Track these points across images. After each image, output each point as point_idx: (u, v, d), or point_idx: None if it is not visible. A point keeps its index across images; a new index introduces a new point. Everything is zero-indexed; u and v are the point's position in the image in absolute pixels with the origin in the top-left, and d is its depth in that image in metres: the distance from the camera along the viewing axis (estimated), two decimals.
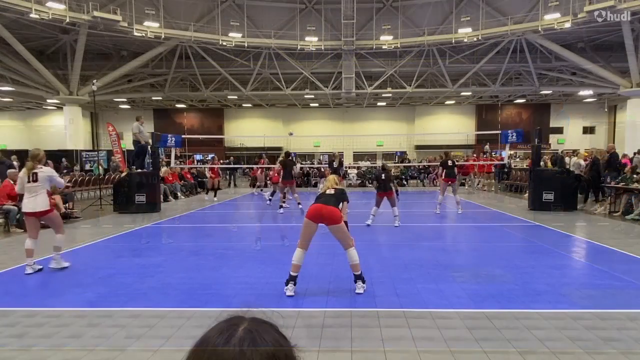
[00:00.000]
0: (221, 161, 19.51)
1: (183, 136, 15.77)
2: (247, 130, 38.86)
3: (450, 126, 38.23)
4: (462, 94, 33.19)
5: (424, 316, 4.22)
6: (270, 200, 13.73)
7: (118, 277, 5.78)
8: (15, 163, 18.79)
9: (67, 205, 11.58)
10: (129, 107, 37.59)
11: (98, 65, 29.13)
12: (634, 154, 19.10)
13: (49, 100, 30.01)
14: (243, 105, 38.27)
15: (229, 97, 33.60)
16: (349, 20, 26.15)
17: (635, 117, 25.29)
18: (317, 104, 38.25)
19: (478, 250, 7.48)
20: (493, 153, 23.53)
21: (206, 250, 7.44)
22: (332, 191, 5.29)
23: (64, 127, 28.82)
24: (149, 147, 13.88)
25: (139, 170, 13.36)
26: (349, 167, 24.58)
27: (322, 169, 19.62)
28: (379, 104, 38.07)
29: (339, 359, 3.39)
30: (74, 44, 25.43)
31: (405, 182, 23.39)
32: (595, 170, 12.87)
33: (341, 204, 5.20)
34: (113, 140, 25.45)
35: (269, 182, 18.02)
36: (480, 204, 14.34)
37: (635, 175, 11.49)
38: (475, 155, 29.19)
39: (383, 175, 9.81)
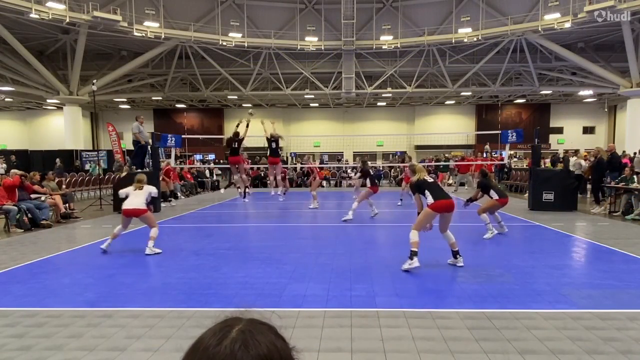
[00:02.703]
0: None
1: (183, 136, 15.76)
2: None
3: (450, 126, 38.22)
4: (462, 94, 33.18)
5: (424, 316, 4.22)
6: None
7: (118, 277, 5.78)
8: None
9: (67, 205, 11.58)
10: (129, 107, 37.59)
11: (98, 65, 29.14)
12: (634, 153, 19.10)
13: (49, 100, 30.00)
14: (243, 105, 38.26)
15: (229, 97, 33.61)
16: (349, 20, 26.15)
17: (635, 117, 25.30)
18: (317, 104, 38.24)
19: (478, 250, 7.48)
20: (493, 153, 23.55)
21: (206, 250, 7.44)
22: (432, 179, 6.26)
23: (63, 127, 28.82)
24: (148, 146, 13.88)
25: (139, 171, 13.36)
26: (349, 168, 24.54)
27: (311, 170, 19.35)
28: (379, 104, 38.07)
29: (339, 359, 3.39)
30: (74, 44, 25.42)
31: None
32: (599, 171, 12.82)
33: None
34: (113, 140, 25.46)
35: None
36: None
37: (635, 176, 11.49)
38: (470, 154, 29.11)
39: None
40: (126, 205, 7.41)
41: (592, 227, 9.74)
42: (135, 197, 7.41)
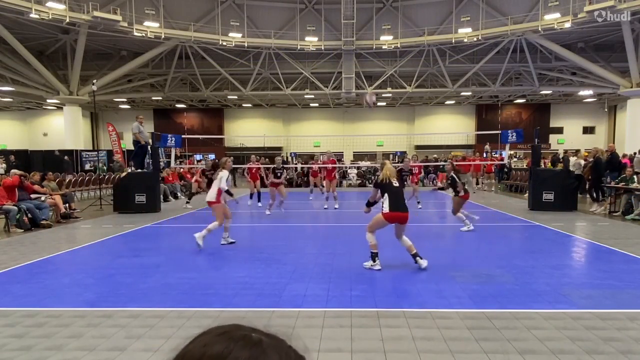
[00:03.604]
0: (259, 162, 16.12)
1: (183, 136, 15.73)
2: (247, 130, 38.85)
3: (450, 126, 38.22)
4: (462, 94, 33.18)
5: (424, 316, 4.22)
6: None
7: (118, 277, 5.78)
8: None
9: (67, 205, 11.57)
10: (129, 107, 37.59)
11: (98, 65, 29.14)
12: (634, 153, 19.08)
13: (49, 100, 30.00)
14: (243, 105, 38.27)
15: (229, 97, 33.60)
16: (349, 20, 26.14)
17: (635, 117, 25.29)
18: (317, 104, 38.25)
19: (478, 250, 7.48)
20: (493, 153, 23.56)
21: (206, 250, 7.44)
22: (397, 183, 6.09)
23: (63, 127, 28.82)
24: (148, 147, 13.88)
25: (139, 170, 13.36)
26: (349, 167, 24.58)
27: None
28: (378, 104, 38.05)
29: (339, 359, 3.39)
30: (74, 44, 25.42)
31: (406, 182, 23.38)
32: (597, 171, 12.82)
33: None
34: (113, 140, 25.47)
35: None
36: (480, 204, 14.32)
37: (635, 176, 11.48)
38: (470, 154, 29.11)
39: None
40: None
41: (592, 227, 9.74)
42: (211, 187, 7.40)
